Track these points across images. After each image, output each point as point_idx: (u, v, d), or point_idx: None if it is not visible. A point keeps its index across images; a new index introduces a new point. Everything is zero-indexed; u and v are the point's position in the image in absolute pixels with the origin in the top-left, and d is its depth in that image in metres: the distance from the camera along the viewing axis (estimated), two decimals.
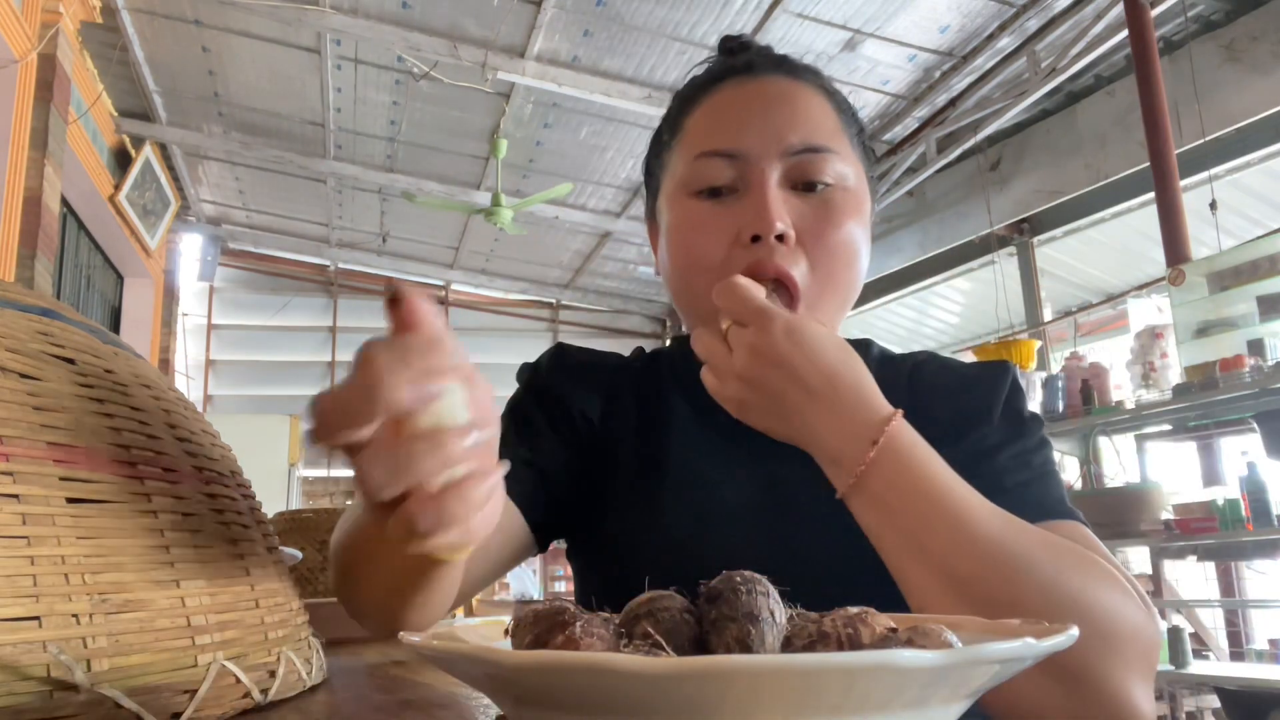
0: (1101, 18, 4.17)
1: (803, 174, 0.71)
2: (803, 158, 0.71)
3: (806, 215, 0.71)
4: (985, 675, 0.28)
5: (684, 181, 0.74)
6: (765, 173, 0.71)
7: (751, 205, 0.70)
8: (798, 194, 0.72)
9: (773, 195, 0.70)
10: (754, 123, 0.72)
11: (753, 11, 4.38)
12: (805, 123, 0.73)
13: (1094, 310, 6.11)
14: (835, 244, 0.71)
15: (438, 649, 0.31)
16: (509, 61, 4.79)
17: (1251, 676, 3.21)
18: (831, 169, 0.72)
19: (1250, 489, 3.27)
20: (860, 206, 0.74)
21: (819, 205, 0.71)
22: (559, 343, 0.89)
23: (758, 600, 0.30)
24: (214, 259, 7.60)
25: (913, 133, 5.26)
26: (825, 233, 0.71)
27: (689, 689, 0.25)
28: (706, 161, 0.72)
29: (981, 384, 0.76)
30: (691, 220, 0.73)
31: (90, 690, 0.35)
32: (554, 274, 8.18)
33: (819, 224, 0.71)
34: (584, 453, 0.79)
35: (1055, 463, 0.75)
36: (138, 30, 5.04)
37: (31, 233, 4.07)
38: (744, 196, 0.72)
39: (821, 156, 0.71)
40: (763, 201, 0.69)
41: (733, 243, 0.71)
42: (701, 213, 0.73)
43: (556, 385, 0.82)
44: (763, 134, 0.72)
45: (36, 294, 0.49)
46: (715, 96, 0.76)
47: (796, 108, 0.73)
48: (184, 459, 0.48)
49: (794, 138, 0.71)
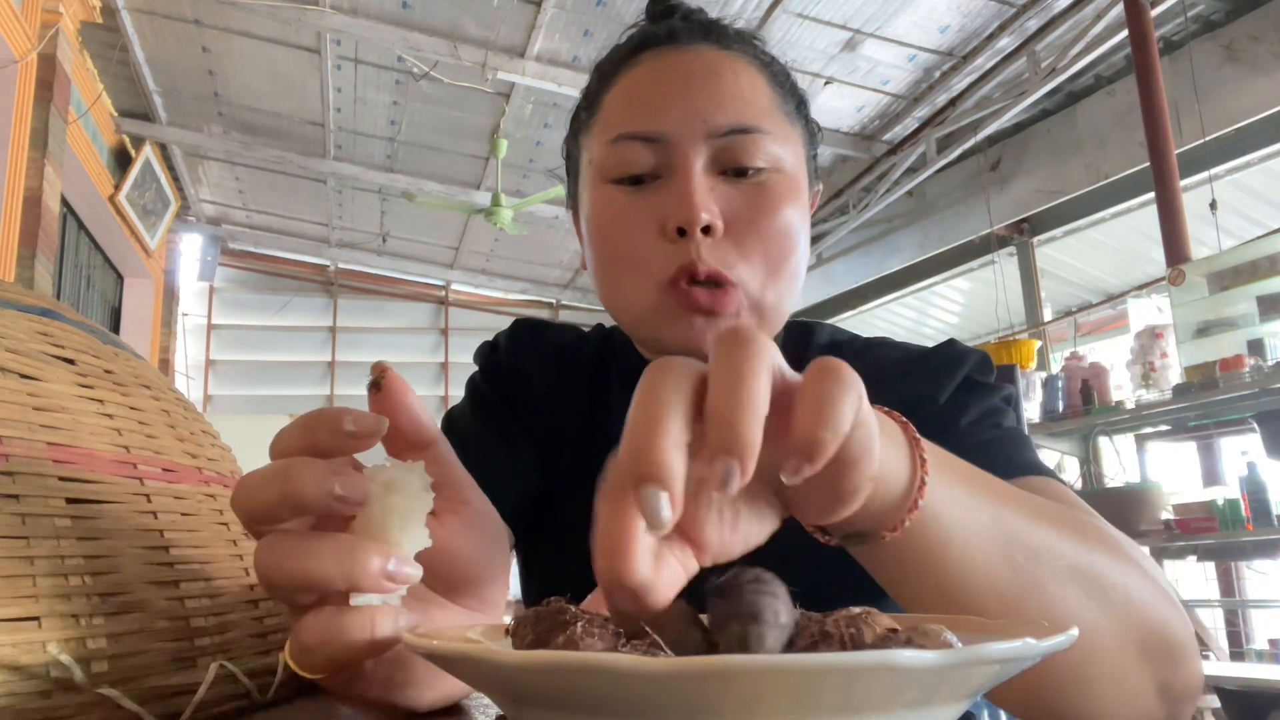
0: (1101, 18, 4.17)
1: (732, 158, 0.64)
2: (731, 139, 0.64)
3: (737, 202, 0.64)
4: (985, 675, 0.28)
5: (602, 167, 0.67)
6: (689, 157, 0.64)
7: (675, 194, 0.63)
8: (727, 180, 0.65)
9: (697, 183, 0.63)
10: (676, 101, 0.65)
11: (753, 11, 4.38)
12: (734, 100, 0.65)
13: (1094, 310, 6.11)
14: (770, 233, 0.64)
15: (438, 649, 0.31)
16: (509, 61, 4.79)
17: (1251, 676, 3.21)
18: (764, 151, 0.65)
19: (1250, 489, 3.27)
20: (798, 190, 0.67)
21: (751, 191, 0.65)
22: (516, 319, 0.85)
23: (762, 600, 0.30)
24: (214, 259, 7.59)
25: (913, 133, 5.25)
26: (759, 221, 0.64)
27: (689, 689, 0.25)
28: (625, 145, 0.65)
29: (921, 366, 0.72)
30: (611, 211, 0.66)
31: (90, 690, 0.35)
32: (554, 274, 8.18)
33: (751, 212, 0.64)
34: (538, 437, 0.76)
35: (1024, 424, 0.71)
36: (138, 30, 5.04)
37: (31, 233, 4.06)
38: (667, 184, 0.65)
39: (752, 138, 0.64)
40: (687, 190, 0.62)
41: (657, 236, 0.64)
42: (621, 203, 0.66)
43: (517, 366, 0.79)
44: (686, 114, 0.64)
45: (36, 294, 0.49)
46: (635, 70, 0.69)
47: (724, 83, 0.65)
48: (184, 459, 0.48)
49: (721, 118, 0.64)
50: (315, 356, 8.31)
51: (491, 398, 0.78)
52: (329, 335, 8.33)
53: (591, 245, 0.70)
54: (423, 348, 8.56)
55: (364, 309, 8.43)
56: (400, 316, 8.53)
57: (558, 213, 6.59)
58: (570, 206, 0.78)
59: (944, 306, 6.90)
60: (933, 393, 0.68)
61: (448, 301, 8.56)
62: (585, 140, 0.72)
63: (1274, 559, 3.74)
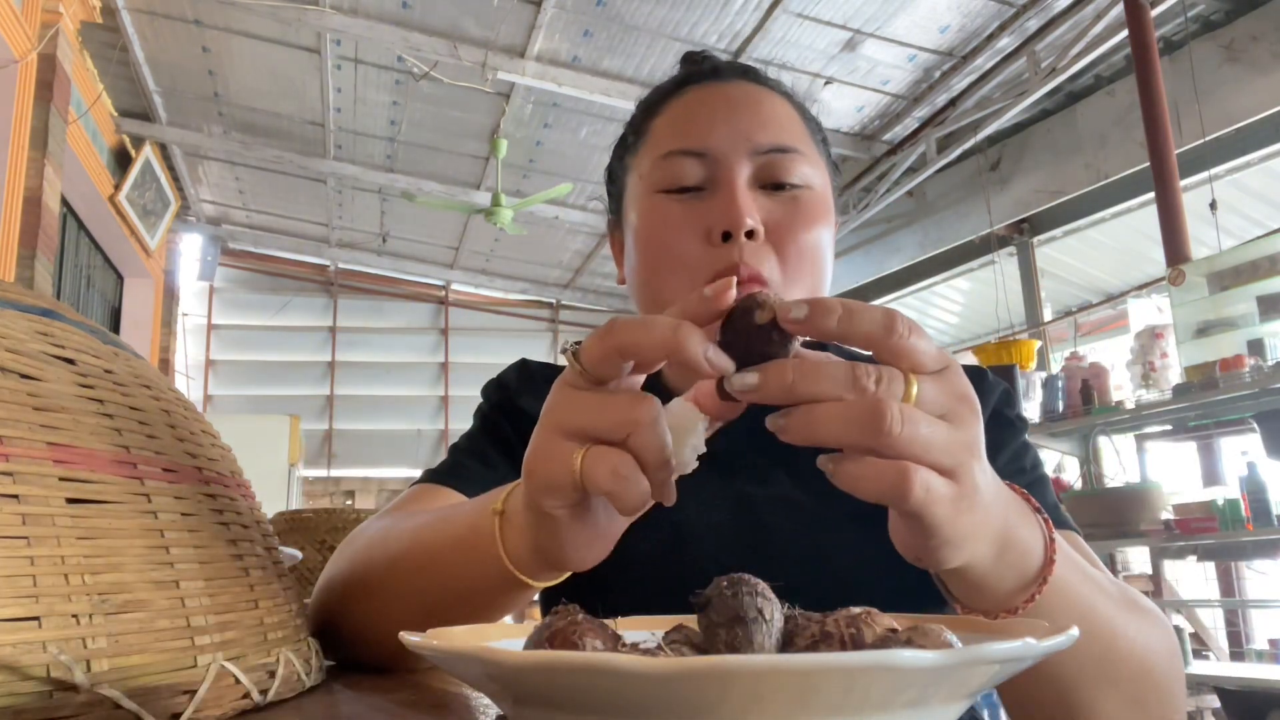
0: (1101, 18, 4.17)
1: (771, 173, 0.71)
2: (771, 157, 0.71)
3: (776, 213, 0.70)
4: (985, 675, 0.28)
5: (652, 181, 0.73)
6: (734, 170, 0.70)
7: (721, 202, 0.69)
8: (766, 193, 0.71)
9: (742, 192, 0.69)
10: (722, 122, 0.72)
11: (753, 11, 4.38)
12: (773, 123, 0.72)
13: (1094, 310, 6.11)
14: (805, 242, 0.70)
15: (438, 649, 0.31)
16: (509, 61, 4.80)
17: (1251, 676, 3.21)
18: (799, 170, 0.71)
19: (1250, 489, 3.27)
20: (827, 211, 0.74)
21: (788, 203, 0.71)
22: (521, 359, 0.89)
23: (744, 600, 0.30)
24: (214, 259, 7.60)
25: (913, 133, 5.25)
26: (796, 231, 0.70)
27: (689, 689, 0.25)
28: (675, 160, 0.72)
29: None
30: (661, 217, 0.72)
31: (90, 690, 0.35)
32: (554, 274, 8.18)
33: (788, 222, 0.70)
34: None
35: (1044, 465, 0.74)
36: (138, 30, 5.04)
37: (31, 233, 4.07)
38: (713, 195, 0.70)
39: (790, 157, 0.71)
40: (732, 198, 0.69)
41: (702, 241, 0.69)
42: (670, 210, 0.72)
43: (525, 402, 0.81)
44: (731, 133, 0.71)
45: (36, 294, 0.49)
46: (682, 98, 0.76)
47: (763, 109, 0.73)
48: (184, 459, 0.48)
49: (762, 137, 0.71)
50: (315, 356, 8.31)
51: (500, 420, 0.82)
52: (329, 335, 8.33)
53: (637, 249, 0.75)
54: (423, 348, 8.56)
55: (364, 309, 8.43)
56: (400, 316, 8.53)
57: (558, 213, 6.59)
58: (611, 231, 0.84)
59: (944, 306, 6.90)
60: None
61: (448, 301, 8.56)
62: (632, 161, 0.78)
63: (1274, 559, 3.74)
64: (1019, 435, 0.73)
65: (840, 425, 0.35)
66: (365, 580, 0.62)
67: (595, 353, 0.40)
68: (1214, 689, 3.35)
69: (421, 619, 0.53)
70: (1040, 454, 0.74)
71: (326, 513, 2.09)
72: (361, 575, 0.63)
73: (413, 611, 0.57)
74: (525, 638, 0.34)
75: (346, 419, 8.25)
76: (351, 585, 0.63)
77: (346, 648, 0.63)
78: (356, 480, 8.20)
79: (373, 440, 8.24)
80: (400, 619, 0.55)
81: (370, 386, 8.31)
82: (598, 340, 0.40)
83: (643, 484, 0.39)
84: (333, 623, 0.63)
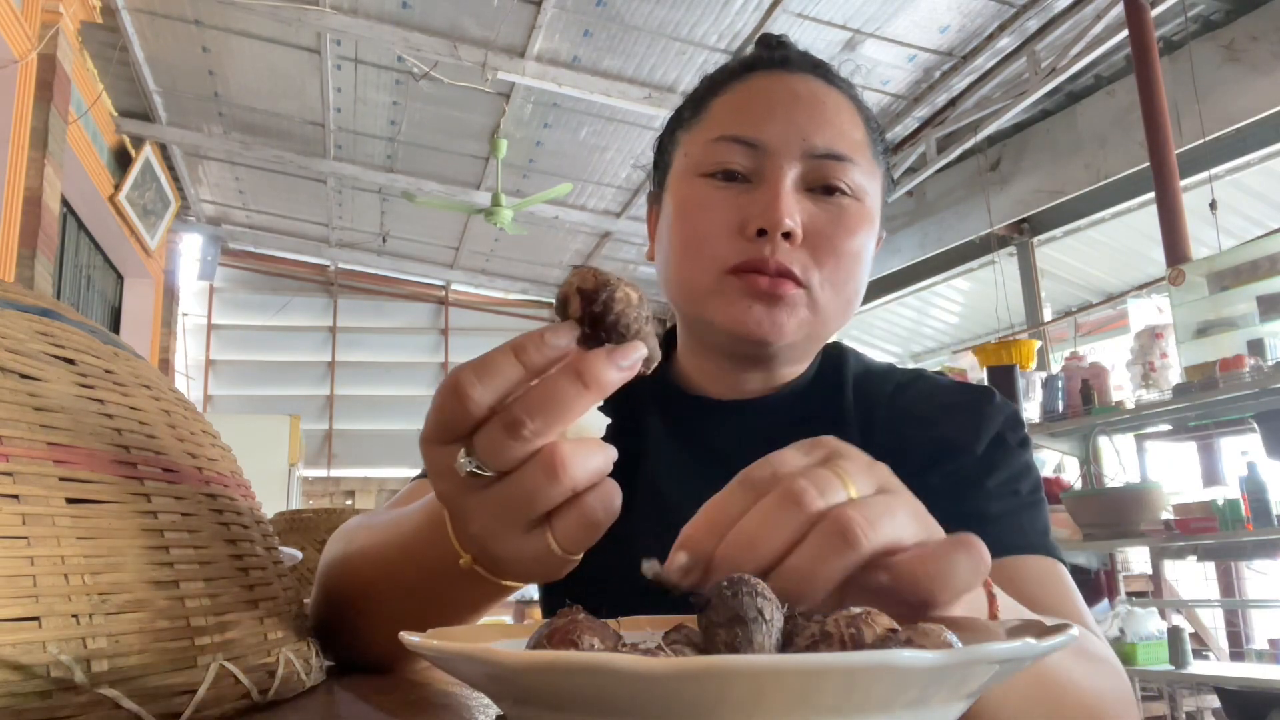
0: (1101, 18, 4.17)
1: (821, 177, 0.69)
2: (824, 162, 0.69)
3: (819, 219, 0.68)
4: (985, 675, 0.28)
5: (698, 162, 0.71)
6: (783, 168, 0.68)
7: (763, 197, 0.67)
8: (813, 197, 0.69)
9: (786, 192, 0.67)
10: (781, 116, 0.69)
11: (753, 11, 4.38)
12: (833, 127, 0.70)
13: (1094, 310, 6.11)
14: (843, 251, 0.68)
15: (438, 649, 0.31)
16: (509, 61, 4.80)
17: (1251, 676, 3.21)
18: (851, 180, 0.69)
19: (1250, 489, 3.27)
20: (873, 222, 0.72)
21: (833, 210, 0.69)
22: None
23: (744, 601, 0.30)
24: (214, 259, 7.60)
25: (913, 133, 5.26)
26: (836, 239, 0.68)
27: (689, 689, 0.25)
28: (726, 145, 0.70)
29: (963, 412, 0.73)
30: (699, 200, 0.70)
31: (90, 690, 0.35)
32: (554, 274, 8.18)
33: (831, 229, 0.68)
34: None
35: (1043, 490, 0.73)
36: (138, 30, 5.04)
37: (31, 233, 4.07)
38: (757, 188, 0.69)
39: (843, 165, 0.69)
40: (775, 196, 0.67)
41: (736, 232, 0.68)
42: (709, 194, 0.70)
43: None
44: (788, 129, 0.69)
45: (36, 294, 0.49)
46: (746, 83, 0.73)
47: (826, 110, 0.71)
48: (184, 459, 0.48)
49: (819, 140, 0.69)
50: (315, 356, 8.32)
51: None
52: (329, 335, 8.33)
53: (672, 229, 0.73)
54: (423, 348, 8.56)
55: (364, 309, 8.44)
56: (400, 316, 8.53)
57: (558, 213, 6.59)
58: (651, 202, 0.81)
59: (944, 306, 6.90)
60: (970, 443, 0.71)
61: (448, 301, 8.56)
62: (683, 137, 0.76)
63: (1274, 559, 3.74)
64: (1020, 459, 0.72)
65: (828, 568, 0.32)
66: (340, 584, 0.61)
67: (496, 441, 0.41)
68: (1214, 689, 3.35)
69: (401, 614, 0.53)
70: (1042, 457, 0.73)
71: (326, 513, 2.09)
72: (337, 578, 0.61)
73: (391, 607, 0.56)
74: (525, 638, 0.34)
75: (346, 419, 8.25)
76: (330, 589, 0.62)
77: (344, 650, 0.63)
78: (356, 480, 8.20)
79: (373, 440, 8.24)
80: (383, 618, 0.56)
81: (370, 386, 8.32)
82: (503, 433, 0.40)
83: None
84: (330, 625, 0.63)
